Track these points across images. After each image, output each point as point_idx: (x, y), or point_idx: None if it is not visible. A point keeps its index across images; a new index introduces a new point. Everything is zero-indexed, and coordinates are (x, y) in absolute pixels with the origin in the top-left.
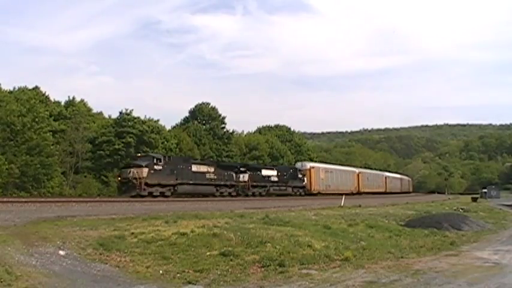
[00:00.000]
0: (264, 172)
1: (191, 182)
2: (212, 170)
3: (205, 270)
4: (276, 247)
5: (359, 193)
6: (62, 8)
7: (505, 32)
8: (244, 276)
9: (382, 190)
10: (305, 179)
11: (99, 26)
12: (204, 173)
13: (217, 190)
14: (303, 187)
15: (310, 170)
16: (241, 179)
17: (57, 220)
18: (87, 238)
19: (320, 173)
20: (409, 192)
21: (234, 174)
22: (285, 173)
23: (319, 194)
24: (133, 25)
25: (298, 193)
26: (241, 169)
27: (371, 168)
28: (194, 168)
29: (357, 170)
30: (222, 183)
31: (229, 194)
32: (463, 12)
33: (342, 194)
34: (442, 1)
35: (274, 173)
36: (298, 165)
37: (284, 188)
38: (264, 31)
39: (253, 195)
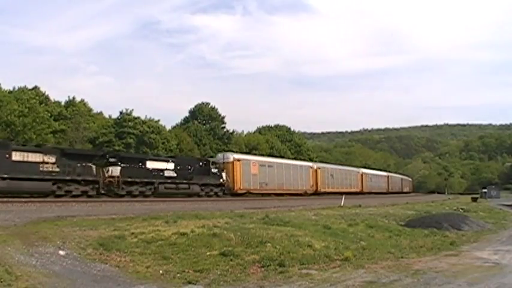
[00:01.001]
0: (151, 164)
1: (6, 176)
2: (52, 159)
3: (205, 270)
4: (276, 247)
5: (317, 193)
6: (62, 8)
7: (505, 32)
8: (244, 276)
9: (357, 190)
10: (224, 174)
11: (99, 26)
12: (35, 163)
13: (59, 188)
14: (220, 185)
15: (233, 163)
16: (110, 173)
17: (57, 220)
18: (87, 238)
19: (251, 167)
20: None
21: (93, 167)
22: (188, 167)
23: (248, 193)
24: (133, 25)
25: (212, 193)
26: (110, 160)
27: (342, 165)
28: (16, 156)
29: (315, 166)
30: (69, 178)
31: (85, 193)
32: (463, 12)
33: (291, 195)
34: (442, 1)
35: (170, 166)
36: (219, 156)
37: (186, 186)
38: (263, 31)
39: (132, 195)
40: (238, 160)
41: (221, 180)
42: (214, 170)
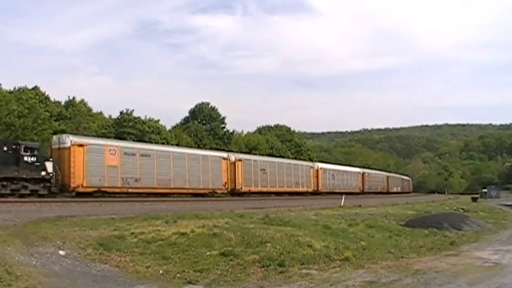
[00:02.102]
0: None
1: None
2: None
3: (205, 270)
4: (276, 247)
5: (234, 192)
6: (62, 8)
7: (505, 32)
8: (244, 276)
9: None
10: (50, 165)
11: (99, 26)
12: None
13: None
14: (43, 180)
15: (71, 149)
16: None
17: (57, 220)
18: (87, 238)
19: (106, 156)
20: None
21: None
22: None
23: (103, 194)
24: (133, 25)
25: (24, 191)
26: None
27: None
28: None
29: (233, 157)
30: None
31: None
32: (463, 12)
33: (197, 195)
34: (442, 1)
35: None
36: (53, 141)
37: None
38: (263, 31)
39: None
40: (81, 145)
41: (43, 173)
42: (29, 158)
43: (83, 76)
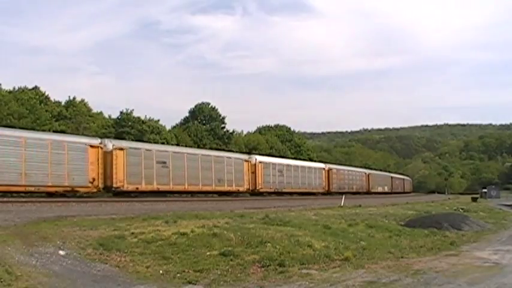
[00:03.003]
0: None
1: None
2: None
3: (205, 270)
4: (276, 247)
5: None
6: (62, 8)
7: (505, 32)
8: (244, 276)
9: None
10: None
11: (99, 26)
12: None
13: None
14: None
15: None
16: None
17: (57, 220)
18: (87, 238)
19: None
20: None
21: None
22: None
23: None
24: (133, 25)
25: None
26: None
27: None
28: None
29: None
30: None
31: None
32: (463, 12)
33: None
34: (442, 1)
35: None
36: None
37: None
38: (263, 31)
39: None
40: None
41: None
42: None
43: (83, 76)
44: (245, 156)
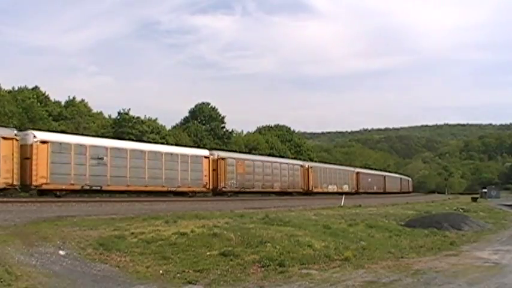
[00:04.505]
0: None
1: None
2: None
3: (205, 270)
4: (276, 247)
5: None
6: (62, 8)
7: (505, 32)
8: (244, 276)
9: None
10: None
11: (99, 27)
12: None
13: None
14: None
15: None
16: None
17: (57, 220)
18: (87, 238)
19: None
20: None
21: None
22: None
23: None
24: (133, 25)
25: None
26: None
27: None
28: None
29: (306, 164)
30: None
31: None
32: (463, 12)
33: None
34: (442, 1)
35: None
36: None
37: None
38: (263, 31)
39: None
40: (223, 159)
41: None
42: None
43: (83, 76)
44: (205, 153)
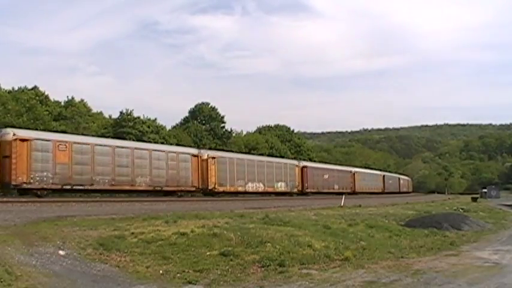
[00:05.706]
0: None
1: None
2: None
3: (205, 270)
4: (276, 247)
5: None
6: (62, 8)
7: (505, 32)
8: (244, 276)
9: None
10: None
11: (99, 26)
12: None
13: None
14: None
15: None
16: None
17: (57, 220)
18: (87, 238)
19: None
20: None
21: None
22: None
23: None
24: (133, 26)
25: None
26: None
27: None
28: None
29: (301, 164)
30: None
31: None
32: (464, 12)
33: None
34: (442, 1)
35: None
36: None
37: None
38: (263, 31)
39: None
40: (213, 158)
41: None
42: None
43: (82, 76)
44: (194, 151)
